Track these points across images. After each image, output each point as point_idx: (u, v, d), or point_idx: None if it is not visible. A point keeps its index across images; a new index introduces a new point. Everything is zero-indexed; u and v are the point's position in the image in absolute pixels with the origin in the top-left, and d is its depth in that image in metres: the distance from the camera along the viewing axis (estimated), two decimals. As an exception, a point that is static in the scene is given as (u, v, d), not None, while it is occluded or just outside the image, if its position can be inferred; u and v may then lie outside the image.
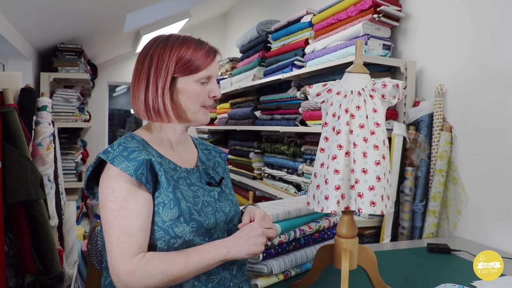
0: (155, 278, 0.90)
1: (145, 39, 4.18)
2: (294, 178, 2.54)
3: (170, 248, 0.95)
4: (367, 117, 1.03)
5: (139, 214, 0.93)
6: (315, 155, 1.48)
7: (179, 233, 0.95)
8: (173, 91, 1.02)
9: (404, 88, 1.07)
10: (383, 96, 1.05)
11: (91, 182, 1.04)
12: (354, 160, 1.02)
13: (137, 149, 0.97)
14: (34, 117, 1.90)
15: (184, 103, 1.03)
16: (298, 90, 2.56)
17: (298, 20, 2.63)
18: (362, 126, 1.03)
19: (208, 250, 0.94)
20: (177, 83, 1.02)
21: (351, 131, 1.03)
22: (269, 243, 1.02)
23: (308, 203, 1.10)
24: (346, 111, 1.04)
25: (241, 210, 1.14)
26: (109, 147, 0.98)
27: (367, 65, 1.33)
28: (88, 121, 4.08)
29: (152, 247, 0.95)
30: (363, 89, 1.06)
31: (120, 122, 5.66)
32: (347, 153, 1.02)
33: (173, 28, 4.27)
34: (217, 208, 1.04)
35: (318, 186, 1.06)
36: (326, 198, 1.02)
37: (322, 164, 1.07)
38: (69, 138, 3.63)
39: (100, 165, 1.00)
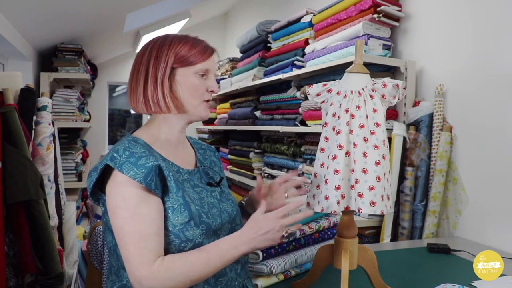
0: (177, 281, 0.90)
1: (145, 39, 4.18)
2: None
3: (181, 252, 0.95)
4: (367, 117, 1.03)
5: (153, 219, 0.93)
6: (315, 155, 1.47)
7: (189, 237, 0.95)
8: (172, 82, 1.02)
9: (404, 88, 1.07)
10: (383, 96, 1.05)
11: (95, 189, 1.01)
12: (354, 160, 1.02)
13: (143, 154, 0.95)
14: (34, 117, 1.90)
15: (183, 95, 1.03)
16: (298, 90, 2.56)
17: (298, 20, 2.62)
18: (362, 126, 1.03)
19: (228, 250, 0.95)
20: (176, 74, 1.02)
21: (351, 131, 1.03)
22: (287, 234, 1.04)
23: (308, 203, 1.10)
24: (346, 111, 1.04)
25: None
26: (114, 153, 0.95)
27: (367, 65, 1.33)
28: (88, 121, 4.07)
29: (164, 251, 0.95)
30: (363, 89, 1.06)
31: (120, 122, 5.66)
32: (347, 153, 1.02)
33: (173, 28, 4.26)
34: (221, 209, 1.05)
35: (318, 186, 1.06)
36: (326, 198, 1.02)
37: (322, 164, 1.07)
38: (69, 138, 3.63)
39: (105, 171, 0.97)
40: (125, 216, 0.92)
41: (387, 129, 1.25)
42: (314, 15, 2.45)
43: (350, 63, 1.34)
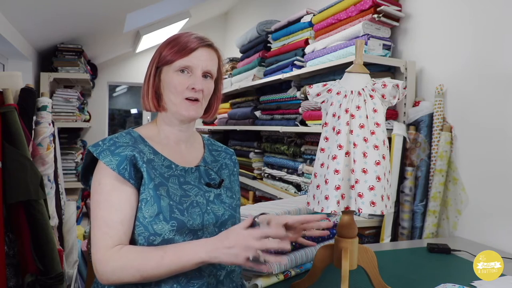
0: (128, 272, 0.90)
1: (145, 39, 4.18)
2: (294, 178, 2.54)
3: (150, 245, 0.95)
4: (367, 117, 1.03)
5: (121, 208, 0.95)
6: (315, 155, 1.47)
7: (158, 231, 0.95)
8: (158, 81, 1.06)
9: (404, 88, 1.07)
10: (383, 96, 1.05)
11: (87, 174, 1.07)
12: (354, 160, 1.02)
13: (125, 144, 0.99)
14: (34, 117, 1.90)
15: (165, 93, 1.06)
16: (298, 90, 2.56)
17: (298, 20, 2.63)
18: (362, 126, 1.03)
19: (186, 251, 0.90)
20: (162, 73, 1.06)
21: (351, 131, 1.03)
22: (262, 257, 0.88)
23: (308, 203, 1.10)
24: (346, 111, 1.04)
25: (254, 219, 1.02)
26: (100, 141, 1.00)
27: (367, 65, 1.33)
28: (88, 121, 4.08)
29: (133, 242, 0.97)
30: (363, 89, 1.06)
31: (120, 122, 5.66)
32: (347, 153, 1.02)
33: (173, 28, 4.26)
34: (206, 210, 1.02)
35: (318, 186, 1.06)
36: (326, 198, 1.02)
37: (322, 164, 1.07)
38: (69, 138, 3.64)
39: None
40: (97, 201, 0.96)
41: (387, 129, 1.25)
42: (314, 15, 2.45)
43: (350, 63, 1.34)
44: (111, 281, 0.91)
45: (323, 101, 1.14)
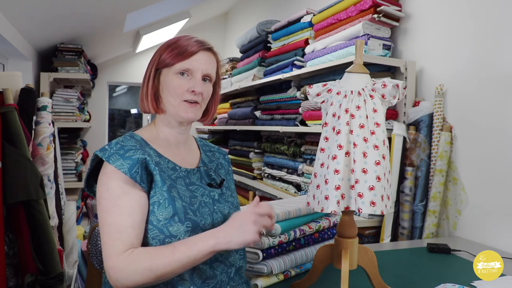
0: (142, 274, 0.89)
1: (145, 39, 4.18)
2: (294, 178, 2.54)
3: None
4: (367, 117, 1.03)
5: (132, 212, 0.94)
6: (315, 155, 1.48)
7: (173, 232, 0.95)
8: (157, 83, 1.06)
9: (404, 88, 1.07)
10: (383, 96, 1.05)
11: (91, 181, 1.06)
12: (354, 160, 1.02)
13: (133, 148, 0.99)
14: (34, 117, 1.90)
15: (164, 95, 1.06)
16: (298, 90, 2.56)
17: (298, 20, 2.63)
18: (362, 126, 1.03)
19: (196, 242, 0.90)
20: (161, 75, 1.06)
21: (351, 131, 1.03)
22: (265, 232, 0.91)
23: (308, 203, 1.10)
24: (346, 111, 1.04)
25: None
26: (106, 145, 1.00)
27: (367, 65, 1.33)
28: (88, 121, 4.08)
29: (147, 246, 0.96)
30: (363, 89, 1.06)
31: (120, 122, 5.66)
32: (347, 153, 1.02)
33: (173, 28, 4.27)
34: (214, 209, 1.04)
35: (318, 186, 1.06)
36: (326, 198, 1.02)
37: (322, 164, 1.07)
38: (69, 138, 3.64)
39: (100, 163, 1.01)
40: (106, 207, 0.95)
41: (387, 129, 1.25)
42: (314, 15, 2.45)
43: (350, 63, 1.34)
44: (127, 286, 0.90)
45: (323, 101, 1.14)
